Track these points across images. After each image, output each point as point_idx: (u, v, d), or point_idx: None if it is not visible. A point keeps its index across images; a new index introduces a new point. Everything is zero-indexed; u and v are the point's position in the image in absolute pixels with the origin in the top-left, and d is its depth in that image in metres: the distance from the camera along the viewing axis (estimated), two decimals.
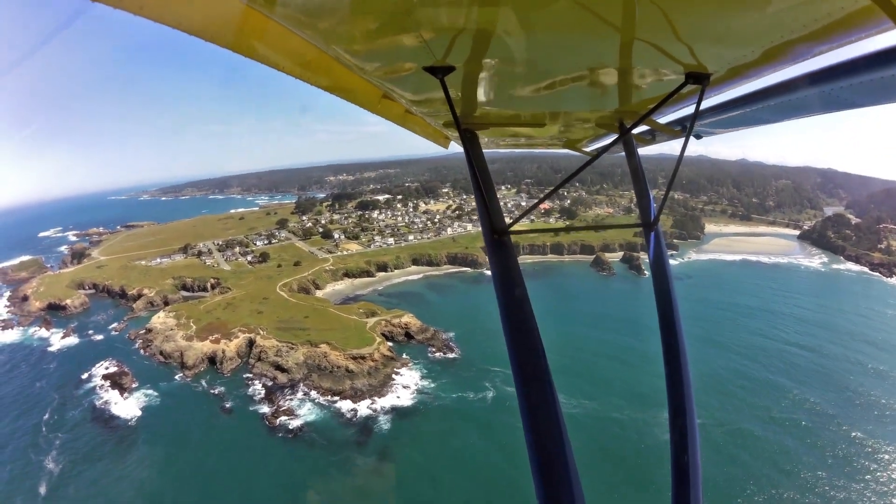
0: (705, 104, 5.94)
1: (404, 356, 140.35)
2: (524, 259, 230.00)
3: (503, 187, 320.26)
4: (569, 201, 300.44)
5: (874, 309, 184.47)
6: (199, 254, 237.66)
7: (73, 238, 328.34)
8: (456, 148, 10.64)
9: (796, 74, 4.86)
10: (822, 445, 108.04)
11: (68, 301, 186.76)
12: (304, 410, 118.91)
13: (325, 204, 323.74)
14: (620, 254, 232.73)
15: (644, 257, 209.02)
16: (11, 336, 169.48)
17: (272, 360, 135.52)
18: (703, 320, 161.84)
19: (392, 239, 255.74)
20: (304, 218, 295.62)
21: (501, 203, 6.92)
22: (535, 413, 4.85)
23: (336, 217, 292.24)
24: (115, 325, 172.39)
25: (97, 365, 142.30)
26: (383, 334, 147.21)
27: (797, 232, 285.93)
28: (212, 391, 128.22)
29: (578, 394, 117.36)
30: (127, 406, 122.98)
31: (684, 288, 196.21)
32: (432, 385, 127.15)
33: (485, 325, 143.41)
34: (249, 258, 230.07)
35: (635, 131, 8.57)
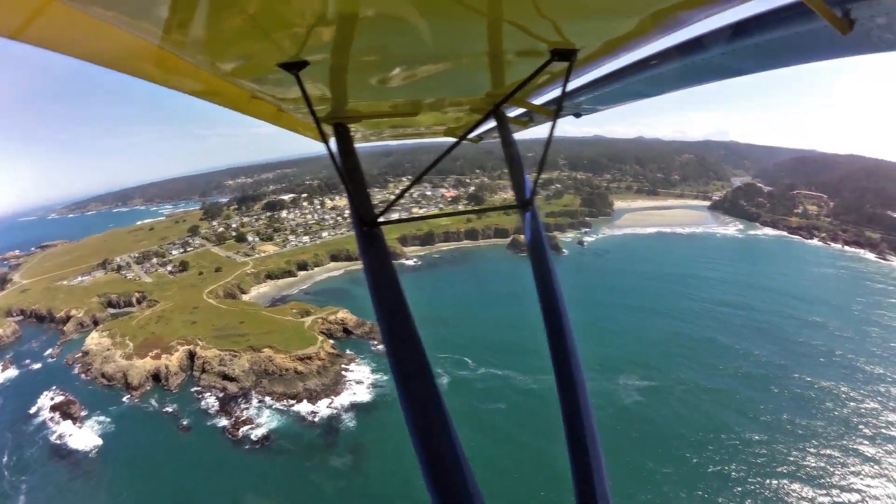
0: (582, 80, 6.36)
1: (348, 352, 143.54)
2: (440, 247, 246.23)
3: (404, 178, 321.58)
4: (472, 188, 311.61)
5: (798, 268, 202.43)
6: (119, 268, 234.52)
7: None
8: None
9: (670, 45, 5.00)
10: (779, 392, 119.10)
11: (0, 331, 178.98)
12: (263, 418, 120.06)
13: (231, 208, 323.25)
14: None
15: (562, 237, 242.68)
16: None
17: (217, 370, 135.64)
18: (629, 292, 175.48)
19: (307, 237, 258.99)
20: (213, 223, 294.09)
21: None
22: (416, 407, 4.94)
23: (246, 220, 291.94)
24: (49, 350, 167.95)
25: (42, 395, 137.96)
26: (322, 332, 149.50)
27: (707, 203, 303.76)
28: (164, 410, 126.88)
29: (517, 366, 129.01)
30: (83, 436, 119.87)
31: (604, 263, 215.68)
32: (385, 378, 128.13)
33: (420, 313, 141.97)
34: (169, 268, 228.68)
35: (512, 114, 9.02)
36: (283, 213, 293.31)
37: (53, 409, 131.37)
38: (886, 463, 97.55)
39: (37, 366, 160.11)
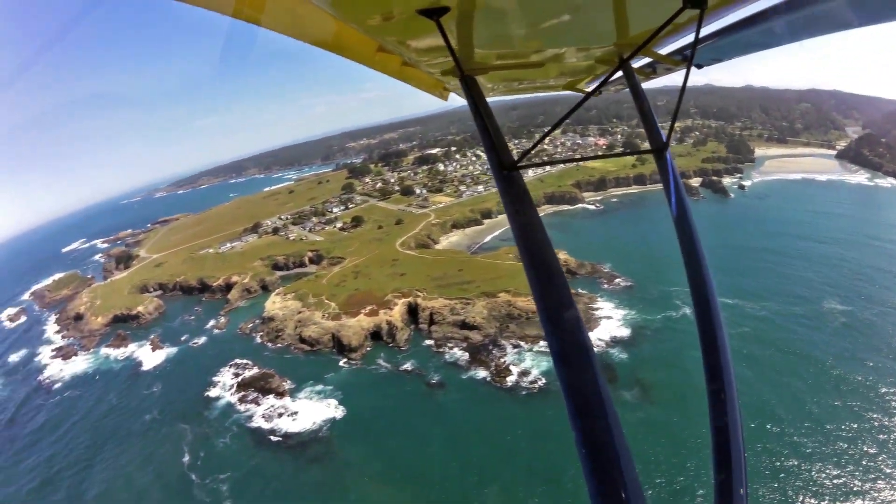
0: (706, 30, 5.90)
1: (580, 290, 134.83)
2: (613, 192, 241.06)
3: (545, 129, 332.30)
4: (619, 135, 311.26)
5: None
6: (275, 230, 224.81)
7: (103, 245, 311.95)
8: (456, 101, 11.51)
9: None
10: None
11: (139, 308, 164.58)
12: (527, 363, 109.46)
13: (380, 165, 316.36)
14: (699, 179, 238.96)
15: (726, 181, 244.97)
16: (79, 364, 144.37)
17: (451, 319, 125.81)
18: (819, 228, 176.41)
19: (480, 186, 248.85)
20: (366, 180, 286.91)
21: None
22: (569, 361, 4.35)
23: (403, 175, 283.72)
24: (212, 322, 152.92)
25: (218, 373, 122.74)
26: None
27: (833, 152, 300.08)
28: (400, 369, 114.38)
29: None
30: (300, 413, 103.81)
31: (772, 204, 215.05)
32: (632, 312, 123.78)
33: (627, 252, 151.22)
34: (339, 225, 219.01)
35: (636, 65, 8.88)
36: (441, 167, 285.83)
37: (242, 386, 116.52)
38: None
39: (200, 340, 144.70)
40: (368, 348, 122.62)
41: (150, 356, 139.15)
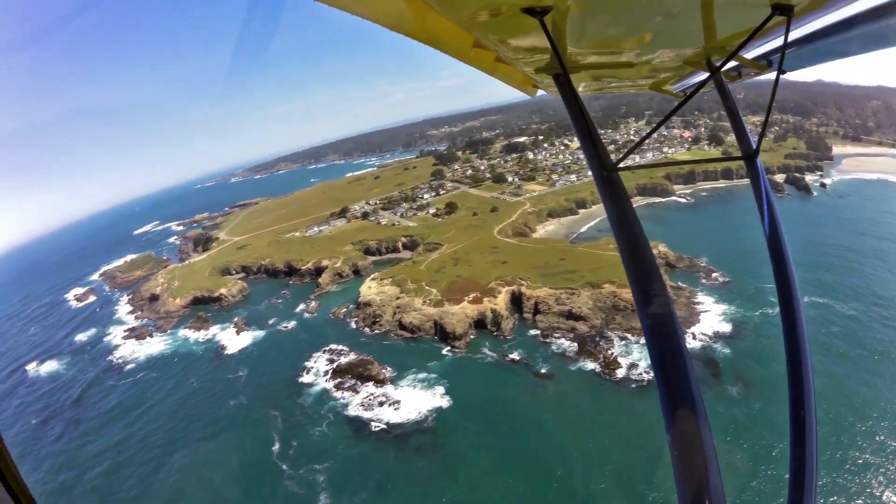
0: (792, 36, 5.85)
1: (680, 284, 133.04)
2: (701, 185, 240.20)
3: (629, 120, 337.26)
4: (702, 128, 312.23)
5: None
6: (365, 215, 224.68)
7: (178, 228, 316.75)
8: (540, 93, 11.13)
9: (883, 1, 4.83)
10: None
11: (222, 290, 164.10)
12: (634, 356, 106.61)
13: (468, 152, 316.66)
14: (783, 176, 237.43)
15: (808, 178, 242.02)
16: (155, 345, 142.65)
17: (556, 309, 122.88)
18: None
19: (573, 176, 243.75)
20: (454, 167, 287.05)
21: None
22: (666, 364, 4.42)
23: (492, 162, 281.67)
24: (301, 306, 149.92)
25: (311, 359, 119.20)
26: None
27: None
28: (507, 358, 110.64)
29: None
30: (403, 403, 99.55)
31: (856, 202, 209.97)
32: (731, 307, 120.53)
33: (722, 247, 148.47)
34: (432, 211, 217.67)
35: (723, 68, 8.66)
36: (530, 155, 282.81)
37: (338, 372, 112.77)
38: None
39: (289, 324, 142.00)
40: (472, 336, 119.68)
41: (234, 339, 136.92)
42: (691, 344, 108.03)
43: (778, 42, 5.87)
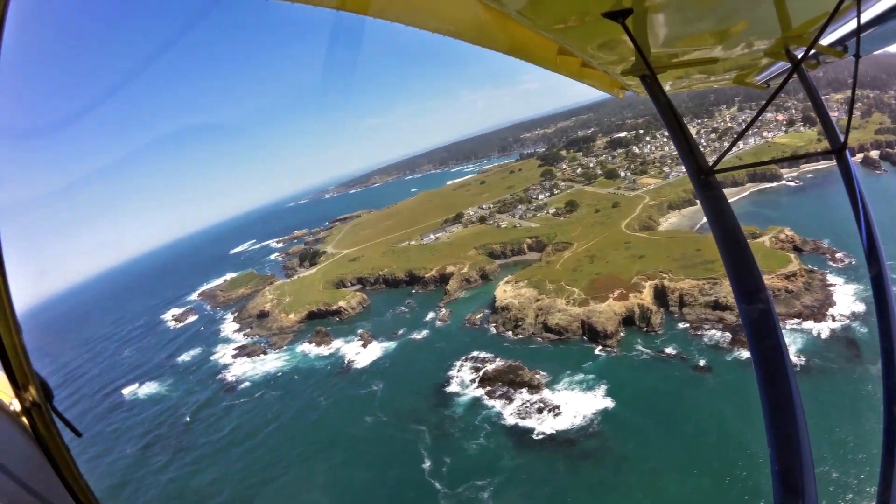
0: (864, 17, 5.80)
1: (811, 267, 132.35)
2: (805, 167, 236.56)
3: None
4: (792, 110, 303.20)
5: None
6: (482, 220, 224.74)
7: (278, 245, 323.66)
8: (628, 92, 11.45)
9: None
10: None
11: (341, 303, 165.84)
12: (789, 341, 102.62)
13: (572, 151, 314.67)
14: (877, 152, 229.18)
15: None
16: (271, 363, 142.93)
17: (702, 301, 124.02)
18: None
19: (685, 167, 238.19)
20: (563, 166, 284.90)
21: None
22: (766, 365, 4.60)
23: (601, 159, 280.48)
24: (430, 315, 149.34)
25: (452, 368, 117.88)
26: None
27: None
28: (663, 353, 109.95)
29: None
30: (564, 408, 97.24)
31: None
32: (860, 287, 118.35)
33: (840, 228, 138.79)
34: (552, 211, 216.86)
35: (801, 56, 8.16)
36: (635, 150, 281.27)
37: (486, 380, 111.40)
38: None
39: (421, 334, 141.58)
40: (622, 334, 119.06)
41: (361, 352, 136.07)
42: (832, 325, 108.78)
43: (851, 26, 5.73)
